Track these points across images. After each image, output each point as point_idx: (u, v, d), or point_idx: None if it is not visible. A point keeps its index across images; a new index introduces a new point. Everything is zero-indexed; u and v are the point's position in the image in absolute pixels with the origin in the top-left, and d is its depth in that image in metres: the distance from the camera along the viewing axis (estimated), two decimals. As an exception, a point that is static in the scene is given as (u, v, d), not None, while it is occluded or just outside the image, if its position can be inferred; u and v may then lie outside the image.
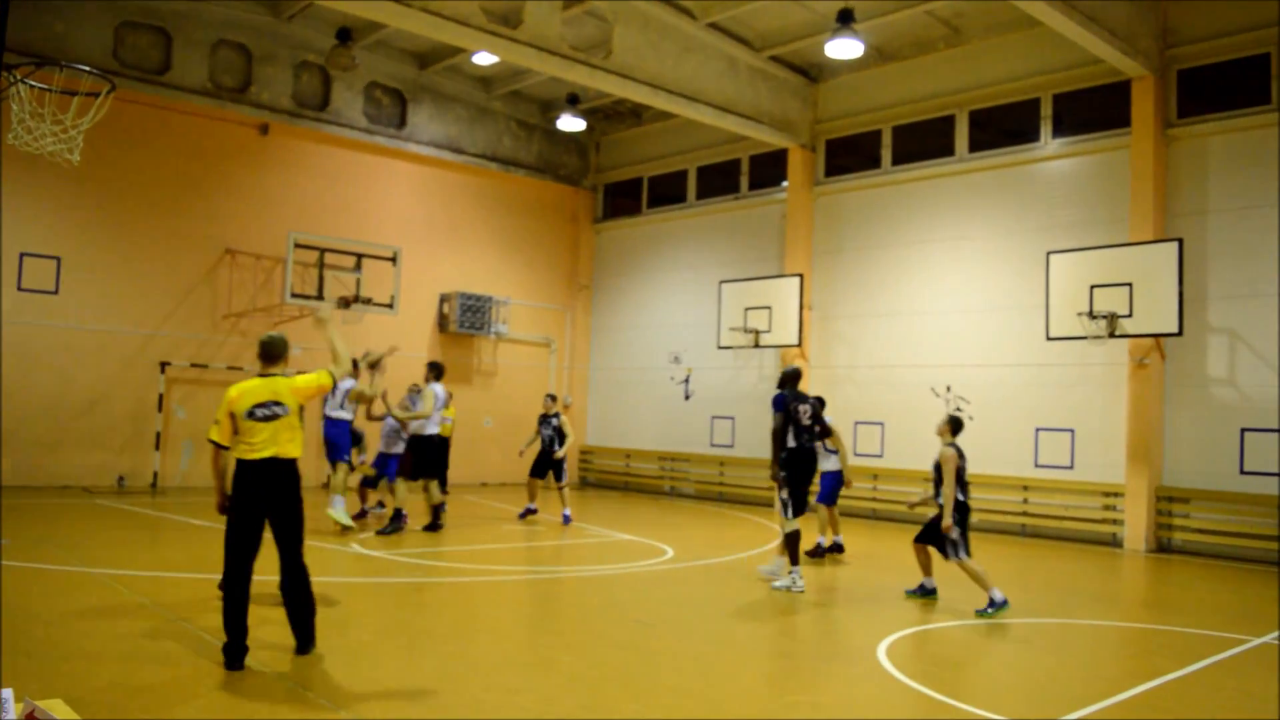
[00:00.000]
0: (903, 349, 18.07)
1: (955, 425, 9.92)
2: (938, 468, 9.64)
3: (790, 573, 10.19)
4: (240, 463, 6.63)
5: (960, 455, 9.68)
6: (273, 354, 6.99)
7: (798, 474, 10.39)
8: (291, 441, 6.71)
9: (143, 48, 17.77)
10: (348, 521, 12.47)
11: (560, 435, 15.68)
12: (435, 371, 13.94)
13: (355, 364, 12.63)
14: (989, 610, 9.28)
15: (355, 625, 7.99)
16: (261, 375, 6.89)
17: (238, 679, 6.11)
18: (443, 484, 18.83)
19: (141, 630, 7.32)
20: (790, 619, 9.27)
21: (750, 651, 7.90)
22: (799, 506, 10.26)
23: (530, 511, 15.80)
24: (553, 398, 16.21)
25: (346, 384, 12.69)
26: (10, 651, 6.44)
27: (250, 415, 6.64)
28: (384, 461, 14.40)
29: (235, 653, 6.35)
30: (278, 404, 6.71)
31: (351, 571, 10.58)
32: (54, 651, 6.54)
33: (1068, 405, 15.93)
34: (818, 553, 12.84)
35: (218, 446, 6.82)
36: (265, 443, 6.61)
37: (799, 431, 10.41)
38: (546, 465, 15.72)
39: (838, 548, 13.13)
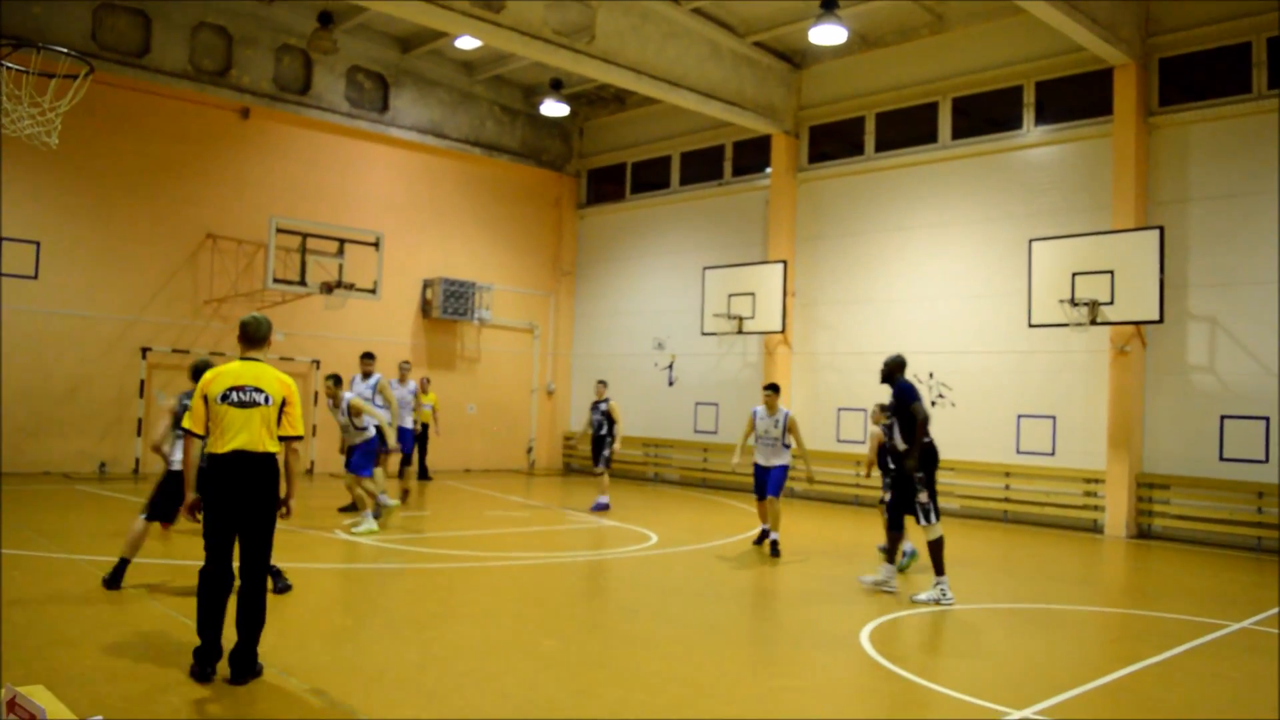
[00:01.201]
0: (885, 336, 18.10)
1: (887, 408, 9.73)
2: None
3: (938, 583, 9.20)
4: (209, 456, 5.95)
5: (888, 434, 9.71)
6: (254, 336, 6.23)
7: (933, 471, 9.43)
8: (266, 435, 5.96)
9: (122, 30, 17.60)
10: (373, 527, 12.27)
11: (609, 420, 15.58)
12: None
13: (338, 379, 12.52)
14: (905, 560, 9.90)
15: (337, 610, 7.98)
16: (243, 359, 6.16)
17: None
18: (422, 470, 18.94)
19: (123, 617, 7.29)
20: (773, 605, 9.31)
21: (733, 637, 7.92)
22: (938, 509, 9.39)
23: (601, 507, 15.57)
24: (603, 383, 16.20)
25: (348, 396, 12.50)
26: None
27: (224, 399, 5.92)
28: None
29: (206, 657, 5.81)
30: (258, 390, 5.98)
31: (335, 557, 10.55)
32: (36, 638, 6.50)
33: (1049, 392, 16.01)
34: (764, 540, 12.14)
35: (189, 435, 6.08)
36: (235, 433, 5.88)
37: (926, 423, 9.42)
38: (599, 451, 15.70)
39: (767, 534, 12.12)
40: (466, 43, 19.99)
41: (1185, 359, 14.84)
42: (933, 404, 17.20)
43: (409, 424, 15.74)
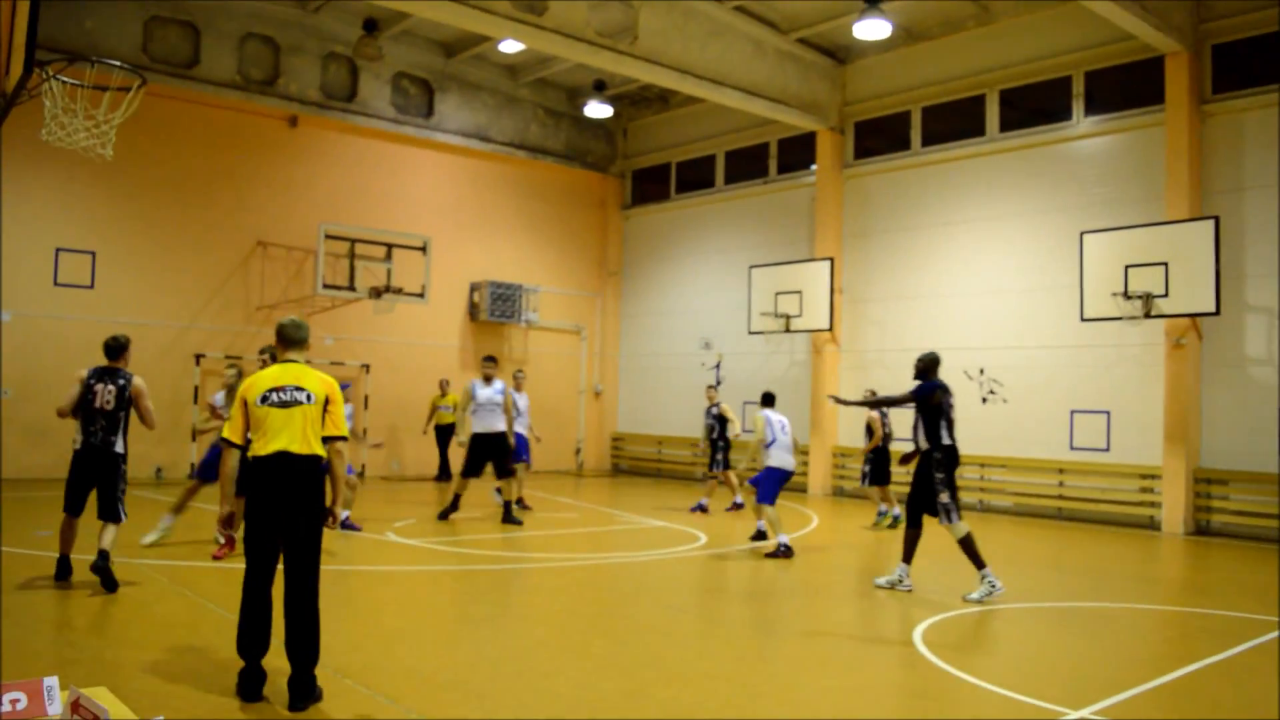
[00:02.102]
0: (934, 332, 17.93)
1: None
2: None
3: (985, 577, 9.12)
4: (252, 460, 5.69)
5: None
6: (293, 338, 5.98)
7: (954, 472, 9.41)
8: (311, 435, 5.68)
9: (172, 42, 17.90)
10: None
11: (721, 423, 15.64)
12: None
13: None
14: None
15: (391, 612, 8.05)
16: (281, 363, 5.93)
17: (270, 667, 6.15)
18: (444, 471, 19.23)
19: (181, 619, 7.41)
20: (824, 604, 9.26)
21: (784, 636, 7.89)
22: (959, 507, 9.38)
23: (737, 506, 15.64)
24: (714, 387, 16.40)
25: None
26: (54, 640, 6.54)
27: (264, 400, 5.67)
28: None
29: (251, 681, 5.56)
30: (299, 389, 5.71)
31: (387, 559, 10.65)
32: (97, 640, 6.62)
33: (1103, 387, 15.77)
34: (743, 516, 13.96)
35: (227, 444, 5.79)
36: (276, 433, 5.62)
37: (950, 427, 9.41)
38: (714, 454, 15.79)
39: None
40: (510, 46, 20.08)
41: (1243, 351, 14.55)
42: (984, 400, 17.03)
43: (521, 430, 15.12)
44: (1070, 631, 8.28)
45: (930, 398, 9.37)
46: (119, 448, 8.63)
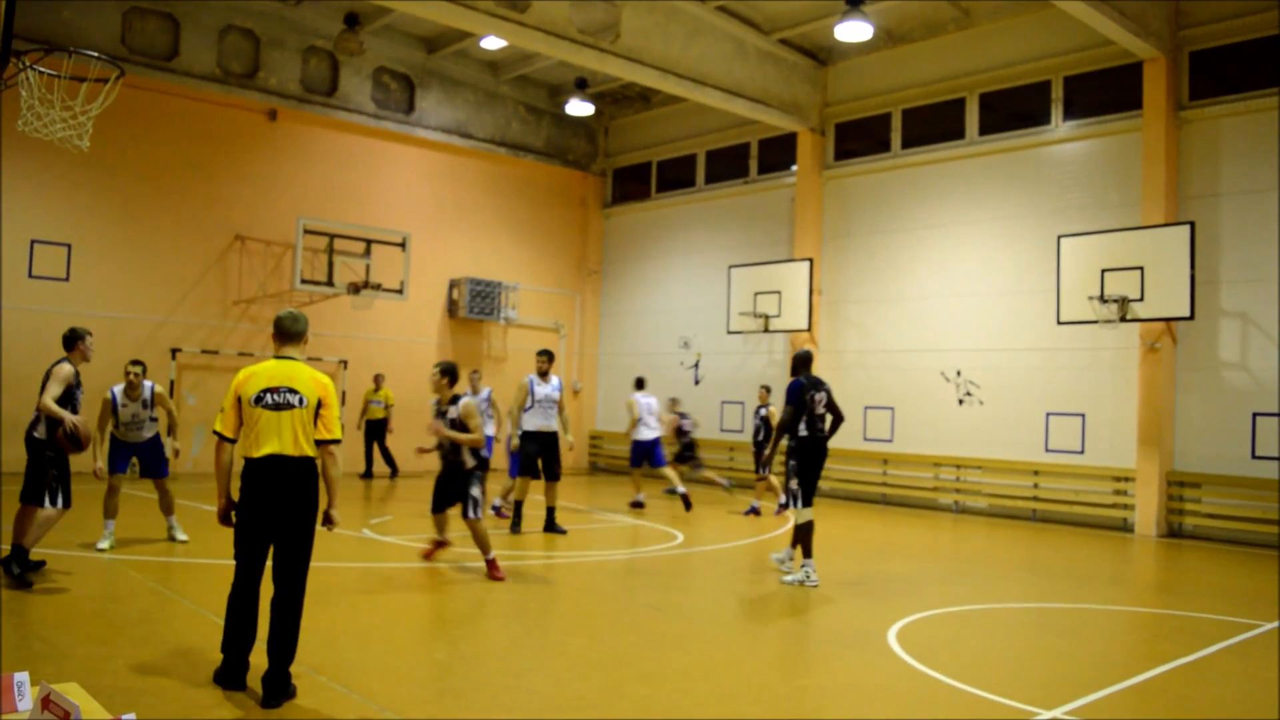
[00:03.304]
0: (912, 333, 18.03)
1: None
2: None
3: (804, 566, 9.77)
4: (245, 461, 5.65)
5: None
6: (291, 331, 5.89)
7: (807, 463, 9.93)
8: (302, 439, 5.62)
9: (151, 33, 17.77)
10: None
11: (767, 425, 15.39)
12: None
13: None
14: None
15: (367, 609, 8.02)
16: (277, 357, 5.84)
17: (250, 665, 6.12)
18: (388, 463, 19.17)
19: (154, 615, 7.36)
20: (800, 604, 9.28)
21: (760, 636, 7.91)
22: (808, 496, 9.87)
23: (782, 507, 15.18)
24: (766, 389, 15.98)
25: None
26: (23, 636, 6.49)
27: (258, 401, 5.60)
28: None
29: (233, 671, 5.63)
30: (292, 391, 5.64)
31: (363, 556, 10.61)
32: (68, 636, 6.57)
33: (1078, 390, 15.88)
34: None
35: (221, 439, 5.72)
36: (268, 436, 5.57)
37: (811, 420, 9.97)
38: (759, 455, 15.64)
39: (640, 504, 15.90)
40: (492, 43, 20.04)
41: (1217, 355, 14.68)
42: (960, 402, 17.13)
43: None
44: (1043, 632, 8.34)
45: (801, 394, 9.98)
46: (36, 433, 8.51)
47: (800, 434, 9.94)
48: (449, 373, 9.39)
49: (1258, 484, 14.04)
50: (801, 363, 10.29)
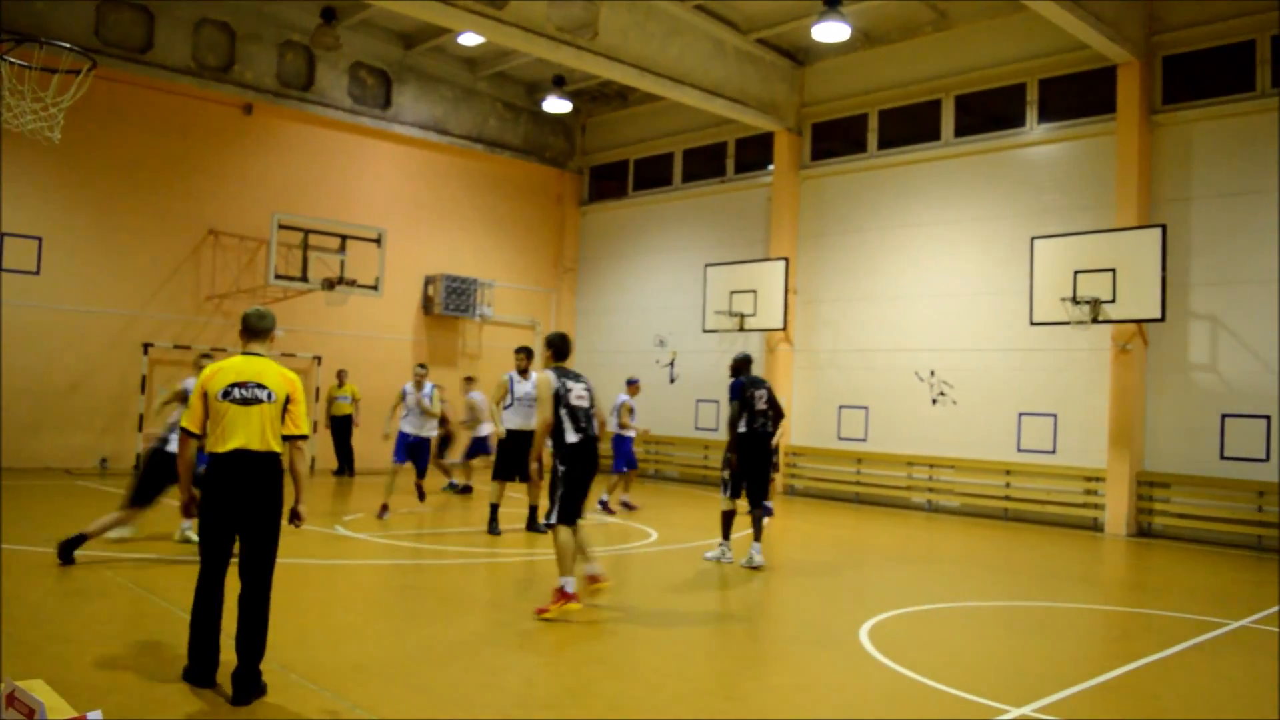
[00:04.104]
0: (887, 333, 18.12)
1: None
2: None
3: (720, 545, 10.86)
4: (210, 456, 5.61)
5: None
6: (257, 328, 5.90)
7: (746, 457, 10.64)
8: (270, 434, 5.61)
9: (125, 25, 17.61)
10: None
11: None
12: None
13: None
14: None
15: (338, 606, 7.99)
16: (244, 354, 5.84)
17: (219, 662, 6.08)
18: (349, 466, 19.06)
19: (124, 612, 7.31)
20: (774, 602, 9.31)
21: (732, 633, 7.93)
22: (736, 489, 10.73)
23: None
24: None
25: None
26: (-10, 632, 6.42)
27: (225, 395, 5.58)
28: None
29: (202, 667, 5.59)
30: (261, 386, 5.63)
31: (335, 553, 10.56)
32: (35, 633, 6.51)
33: (1051, 390, 16.00)
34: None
35: (186, 434, 5.68)
36: (236, 431, 5.55)
37: (752, 417, 10.63)
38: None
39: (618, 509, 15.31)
40: (469, 39, 20.00)
41: (1187, 357, 14.82)
42: (934, 402, 17.22)
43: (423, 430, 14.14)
44: (1014, 630, 8.40)
45: (742, 391, 10.65)
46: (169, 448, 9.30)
47: (740, 430, 10.63)
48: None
49: (1227, 484, 14.19)
50: (743, 364, 10.98)
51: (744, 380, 10.72)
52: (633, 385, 16.15)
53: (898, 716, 5.82)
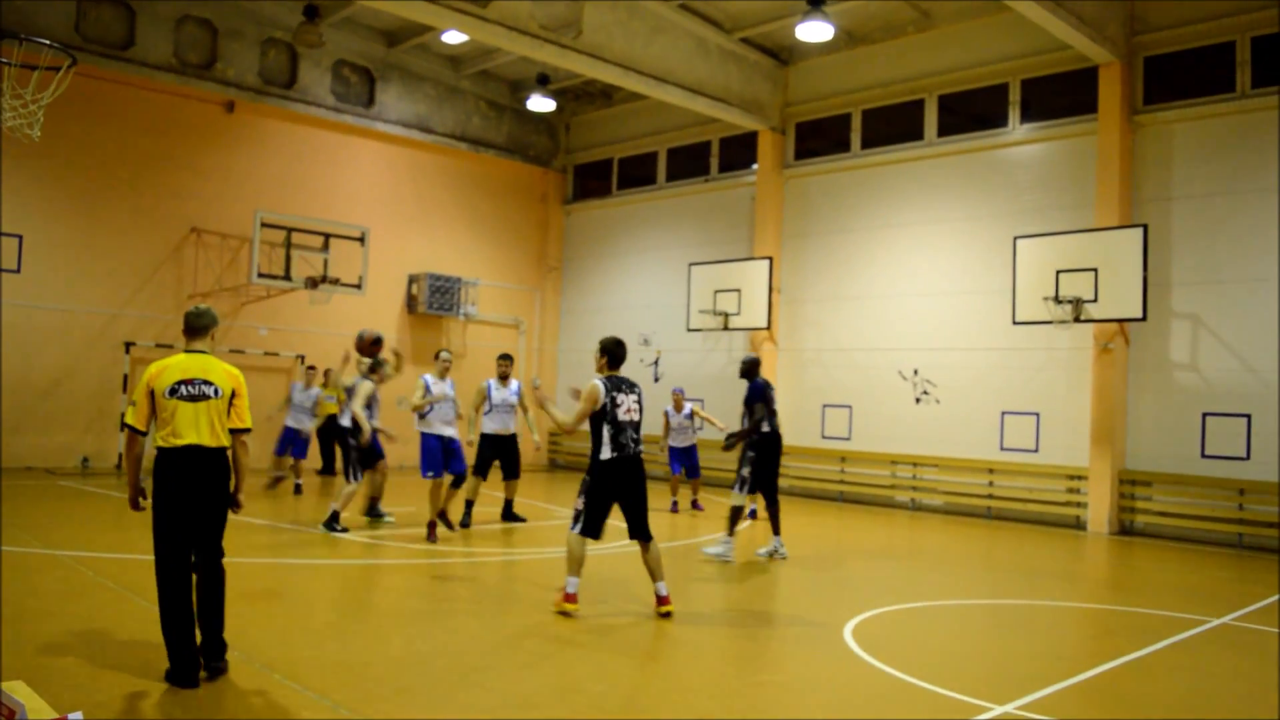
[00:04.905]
0: (870, 332, 18.17)
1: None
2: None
3: (726, 541, 10.83)
4: (159, 451, 5.77)
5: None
6: (195, 326, 6.05)
7: (767, 457, 10.89)
8: (219, 429, 5.83)
9: (106, 22, 17.49)
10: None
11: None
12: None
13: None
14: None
15: (323, 606, 7.96)
16: (187, 351, 5.99)
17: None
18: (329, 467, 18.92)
19: (105, 612, 7.26)
20: (758, 600, 9.33)
21: (716, 632, 7.93)
22: (754, 486, 10.90)
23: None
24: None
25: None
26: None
27: (172, 393, 5.74)
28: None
29: (184, 669, 5.63)
30: (207, 383, 5.82)
31: (321, 553, 10.53)
32: (16, 634, 6.47)
33: (1033, 389, 16.07)
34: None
35: (133, 432, 5.83)
36: (186, 427, 5.73)
37: (771, 417, 10.93)
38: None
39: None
40: (453, 37, 19.95)
41: (1168, 356, 14.91)
42: (917, 401, 17.29)
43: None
44: (997, 628, 8.44)
45: (765, 393, 10.96)
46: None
47: (764, 430, 10.84)
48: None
49: (1207, 483, 14.28)
50: (757, 366, 11.44)
51: (764, 381, 11.12)
52: (677, 395, 15.63)
53: (882, 714, 5.84)
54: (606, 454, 7.86)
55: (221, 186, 19.00)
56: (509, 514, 13.29)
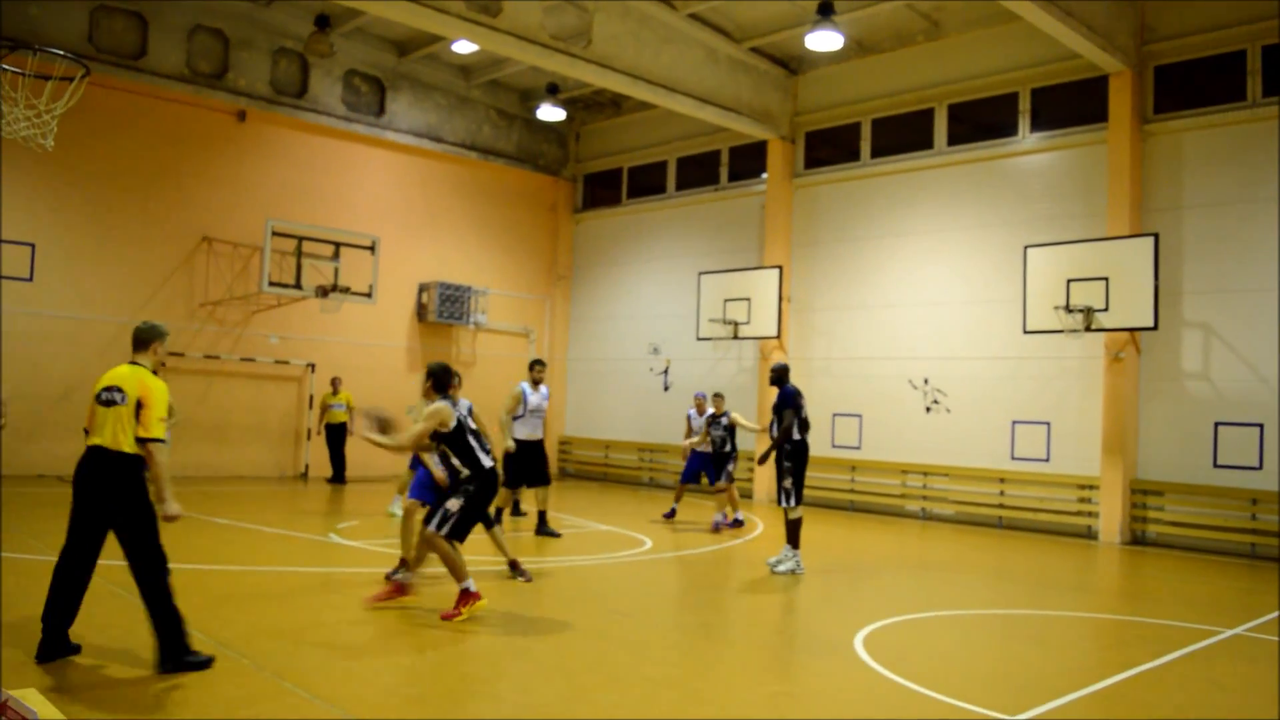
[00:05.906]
0: (880, 341, 18.14)
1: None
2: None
3: (794, 555, 10.69)
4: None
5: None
6: (138, 340, 6.50)
7: (802, 465, 10.78)
8: (120, 434, 6.10)
9: (118, 32, 17.60)
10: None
11: (732, 434, 14.58)
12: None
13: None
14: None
15: (332, 615, 7.97)
16: (129, 363, 6.42)
17: (214, 669, 6.05)
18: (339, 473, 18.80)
19: (115, 620, 7.27)
20: (768, 610, 9.30)
21: (728, 642, 7.92)
22: (801, 495, 10.69)
23: (737, 523, 14.84)
24: (720, 396, 14.81)
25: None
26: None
27: (97, 398, 6.25)
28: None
29: (47, 647, 6.06)
30: (118, 389, 6.17)
31: (329, 561, 10.54)
32: (28, 642, 6.48)
33: (1044, 398, 16.03)
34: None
35: (87, 433, 6.35)
36: (96, 429, 6.17)
37: (803, 425, 10.80)
38: (705, 468, 14.89)
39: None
40: (463, 47, 20.00)
41: (1180, 365, 14.86)
42: (927, 410, 17.26)
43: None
44: (1008, 638, 8.40)
45: (797, 399, 10.78)
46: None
47: (795, 438, 10.72)
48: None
49: (1219, 492, 14.22)
50: (786, 373, 11.18)
51: (795, 389, 10.93)
52: (699, 399, 15.18)
53: (893, 725, 5.82)
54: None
55: (233, 195, 19.07)
56: (543, 527, 12.75)
